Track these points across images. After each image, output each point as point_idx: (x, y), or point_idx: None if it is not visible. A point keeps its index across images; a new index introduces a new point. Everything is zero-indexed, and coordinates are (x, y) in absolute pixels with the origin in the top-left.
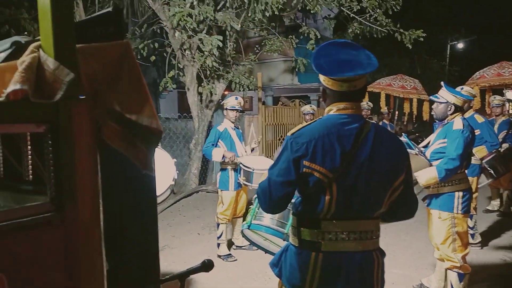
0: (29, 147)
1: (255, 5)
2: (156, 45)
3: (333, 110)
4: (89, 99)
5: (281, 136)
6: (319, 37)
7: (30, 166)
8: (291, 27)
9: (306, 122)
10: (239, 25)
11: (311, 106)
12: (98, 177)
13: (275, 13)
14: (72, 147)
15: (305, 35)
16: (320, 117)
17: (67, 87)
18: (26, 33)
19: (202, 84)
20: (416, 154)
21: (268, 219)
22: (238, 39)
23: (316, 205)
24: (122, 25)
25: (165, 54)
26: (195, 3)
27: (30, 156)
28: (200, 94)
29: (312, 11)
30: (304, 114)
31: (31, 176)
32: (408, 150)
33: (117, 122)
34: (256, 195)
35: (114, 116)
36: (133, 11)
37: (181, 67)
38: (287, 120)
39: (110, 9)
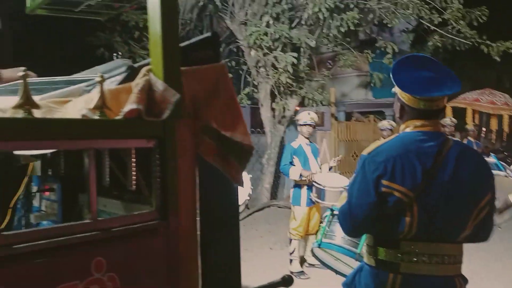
0: (133, 159)
1: (330, 21)
2: (233, 63)
3: (409, 127)
4: (190, 117)
5: (355, 153)
6: (396, 51)
7: (134, 177)
8: (366, 41)
9: (384, 138)
10: (314, 42)
11: (388, 121)
12: (196, 188)
13: (351, 28)
14: (175, 160)
15: (382, 49)
16: (396, 134)
17: (173, 107)
18: (115, 54)
19: (276, 100)
20: (506, 176)
21: (339, 238)
22: (311, 55)
23: (396, 225)
24: (219, 48)
25: (240, 71)
26: (271, 22)
27: (134, 168)
28: (273, 109)
29: (389, 25)
30: (381, 130)
31: (134, 186)
32: (497, 172)
33: (213, 138)
34: (326, 214)
35: (210, 132)
36: (212, 31)
37: (256, 84)
38: (361, 136)
39: (209, 34)
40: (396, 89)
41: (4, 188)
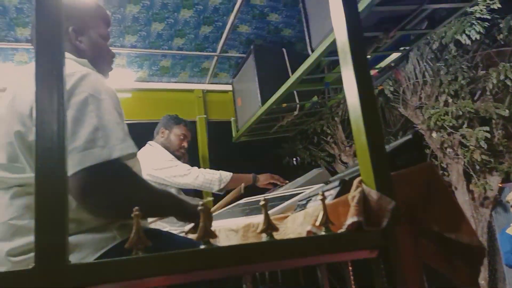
0: (350, 269)
1: None
2: None
3: None
4: (407, 222)
5: None
6: None
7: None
8: None
9: None
10: (507, 111)
11: None
12: None
13: None
14: (401, 268)
15: None
16: None
17: (391, 214)
18: (293, 159)
19: (472, 180)
20: None
21: None
22: (505, 124)
23: None
24: (422, 148)
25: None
26: (449, 100)
27: (352, 278)
28: (471, 191)
29: None
30: None
31: None
32: None
33: (434, 241)
34: None
35: (430, 236)
36: (385, 121)
37: (444, 166)
38: None
39: (410, 136)
40: None
41: None
